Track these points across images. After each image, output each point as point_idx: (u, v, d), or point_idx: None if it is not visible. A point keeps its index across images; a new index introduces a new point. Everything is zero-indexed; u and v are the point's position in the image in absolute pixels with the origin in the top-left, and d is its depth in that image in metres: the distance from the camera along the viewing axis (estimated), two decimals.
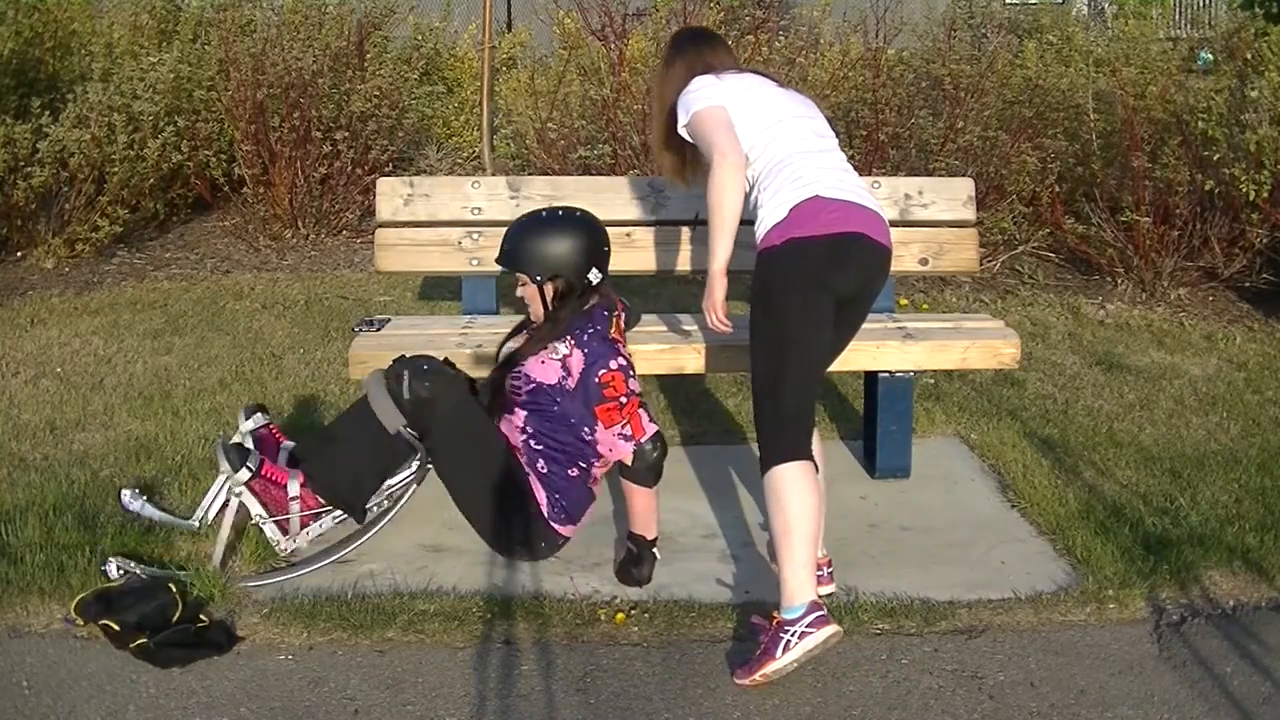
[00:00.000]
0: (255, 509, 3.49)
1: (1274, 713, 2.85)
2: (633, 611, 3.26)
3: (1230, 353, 5.59)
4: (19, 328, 5.76)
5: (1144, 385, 5.13)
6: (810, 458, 3.10)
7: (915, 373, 4.18)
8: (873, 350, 3.98)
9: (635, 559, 3.44)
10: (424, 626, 3.18)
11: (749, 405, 4.77)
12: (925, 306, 6.10)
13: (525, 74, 7.96)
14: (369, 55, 7.73)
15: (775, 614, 2.96)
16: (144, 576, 3.28)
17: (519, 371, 3.50)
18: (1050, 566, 3.56)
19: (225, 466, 3.47)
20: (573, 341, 3.42)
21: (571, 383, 3.41)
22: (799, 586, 2.93)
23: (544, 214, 3.54)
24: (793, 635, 2.88)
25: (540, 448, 3.50)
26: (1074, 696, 2.91)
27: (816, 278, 3.07)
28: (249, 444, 3.63)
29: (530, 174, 6.88)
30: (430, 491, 3.60)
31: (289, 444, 3.74)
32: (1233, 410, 4.83)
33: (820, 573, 3.18)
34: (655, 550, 3.46)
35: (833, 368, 4.36)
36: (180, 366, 5.23)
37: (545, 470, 3.51)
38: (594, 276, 3.46)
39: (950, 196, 4.40)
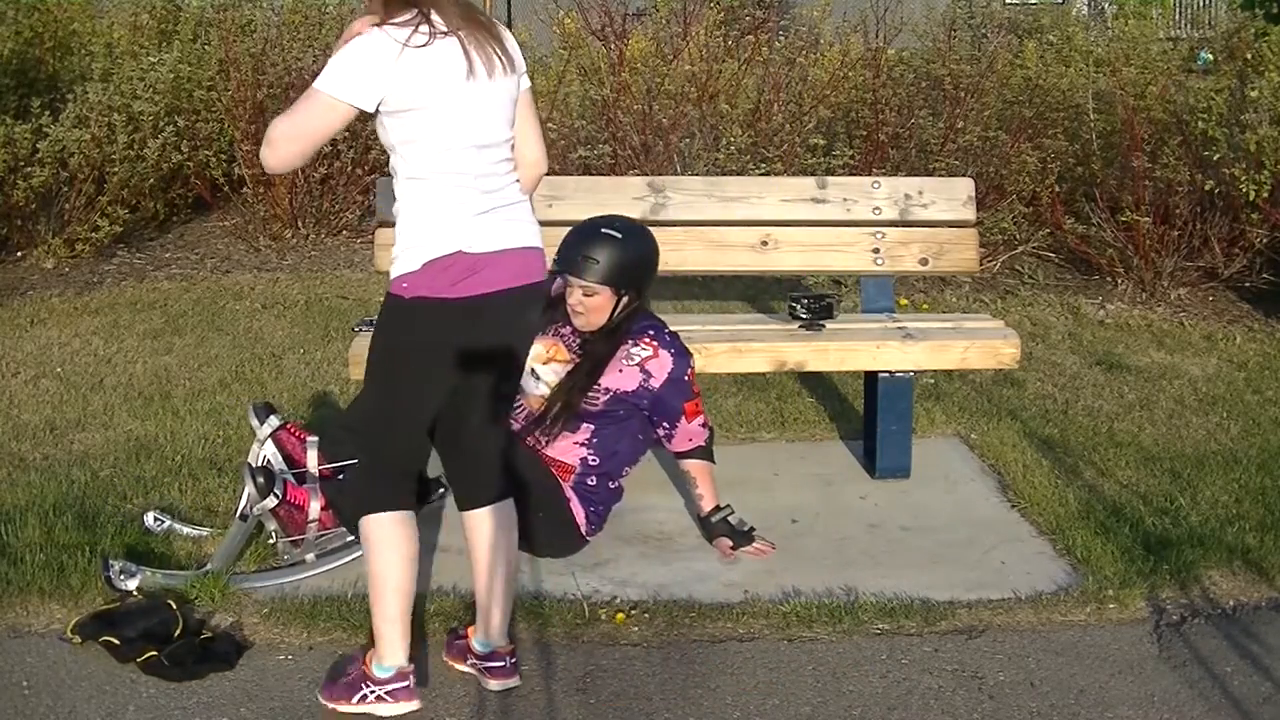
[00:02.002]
0: (271, 526, 3.48)
1: (1274, 713, 2.85)
2: (633, 611, 3.26)
3: (1230, 353, 5.59)
4: (19, 328, 5.76)
5: (1144, 385, 5.13)
6: (411, 507, 2.86)
7: (915, 373, 4.18)
8: (873, 350, 3.98)
9: (732, 529, 3.59)
10: (424, 627, 3.18)
11: (749, 405, 4.80)
12: (925, 306, 6.10)
13: None
14: None
15: (369, 656, 2.85)
16: (141, 596, 3.24)
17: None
18: (1050, 566, 3.56)
19: (251, 490, 3.42)
20: (654, 344, 3.51)
21: (656, 383, 3.51)
22: (388, 646, 2.80)
23: (617, 226, 3.53)
24: (371, 693, 2.80)
25: (596, 461, 3.55)
26: (1074, 696, 2.91)
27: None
28: (270, 450, 3.57)
29: None
30: None
31: (313, 439, 3.62)
32: (1233, 410, 4.82)
33: (501, 663, 2.93)
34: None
35: (832, 368, 4.41)
36: (180, 366, 5.23)
37: (594, 484, 3.55)
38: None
39: (950, 196, 4.40)
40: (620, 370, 3.52)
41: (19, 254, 6.86)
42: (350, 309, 6.04)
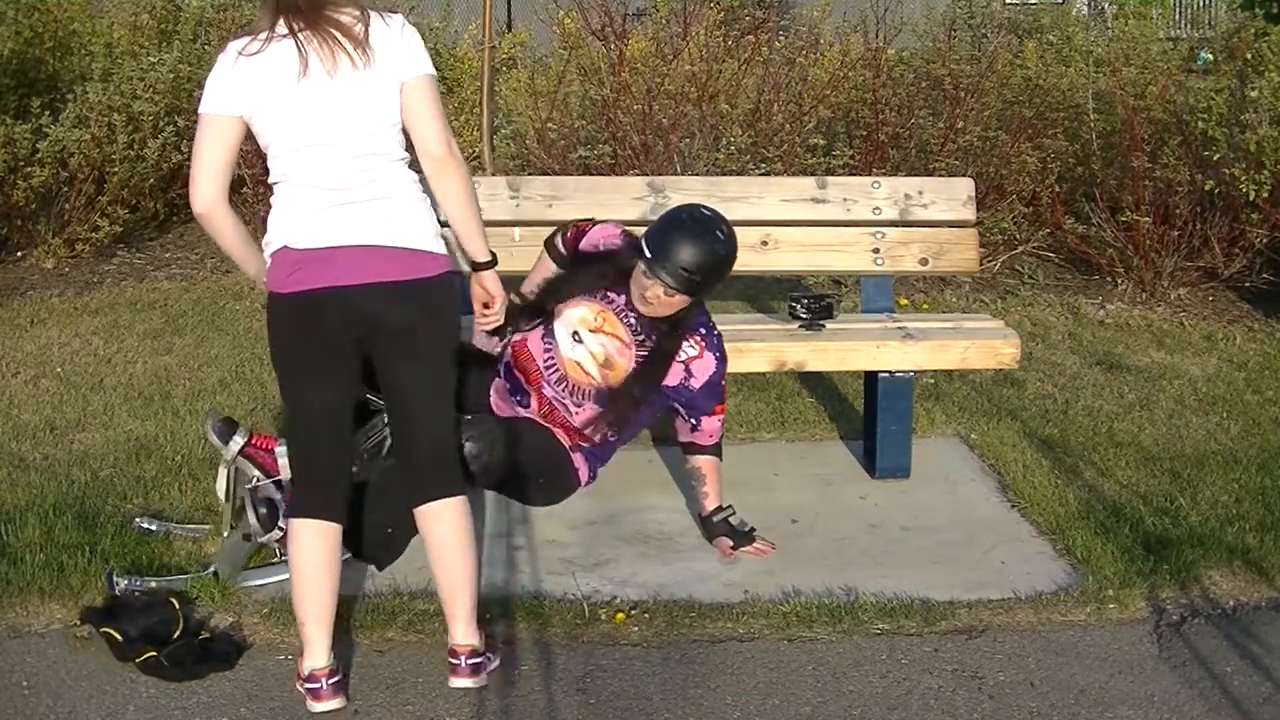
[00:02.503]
0: (253, 472, 3.50)
1: (1274, 713, 2.85)
2: (633, 611, 3.26)
3: (1230, 353, 5.59)
4: (19, 328, 5.76)
5: (1144, 385, 5.13)
6: (327, 517, 2.88)
7: (915, 373, 4.18)
8: (873, 350, 3.98)
9: (732, 530, 3.59)
10: (424, 626, 3.18)
11: (749, 405, 4.80)
12: (925, 306, 6.10)
13: (525, 74, 7.95)
14: None
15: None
16: (143, 594, 3.25)
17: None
18: (1050, 566, 3.56)
19: (255, 523, 3.43)
20: (702, 344, 3.52)
21: (696, 383, 3.53)
22: (304, 646, 2.87)
23: (724, 240, 3.43)
24: (301, 686, 2.88)
25: (615, 437, 3.60)
26: (1074, 696, 2.91)
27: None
28: (242, 466, 3.56)
29: (530, 174, 6.87)
30: None
31: (281, 448, 3.61)
32: (1233, 410, 4.82)
33: (458, 661, 2.90)
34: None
35: (832, 368, 4.40)
36: (180, 366, 5.23)
37: (602, 448, 3.60)
38: None
39: (950, 196, 4.40)
40: None
41: (19, 254, 6.86)
42: None
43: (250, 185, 7.24)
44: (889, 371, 4.07)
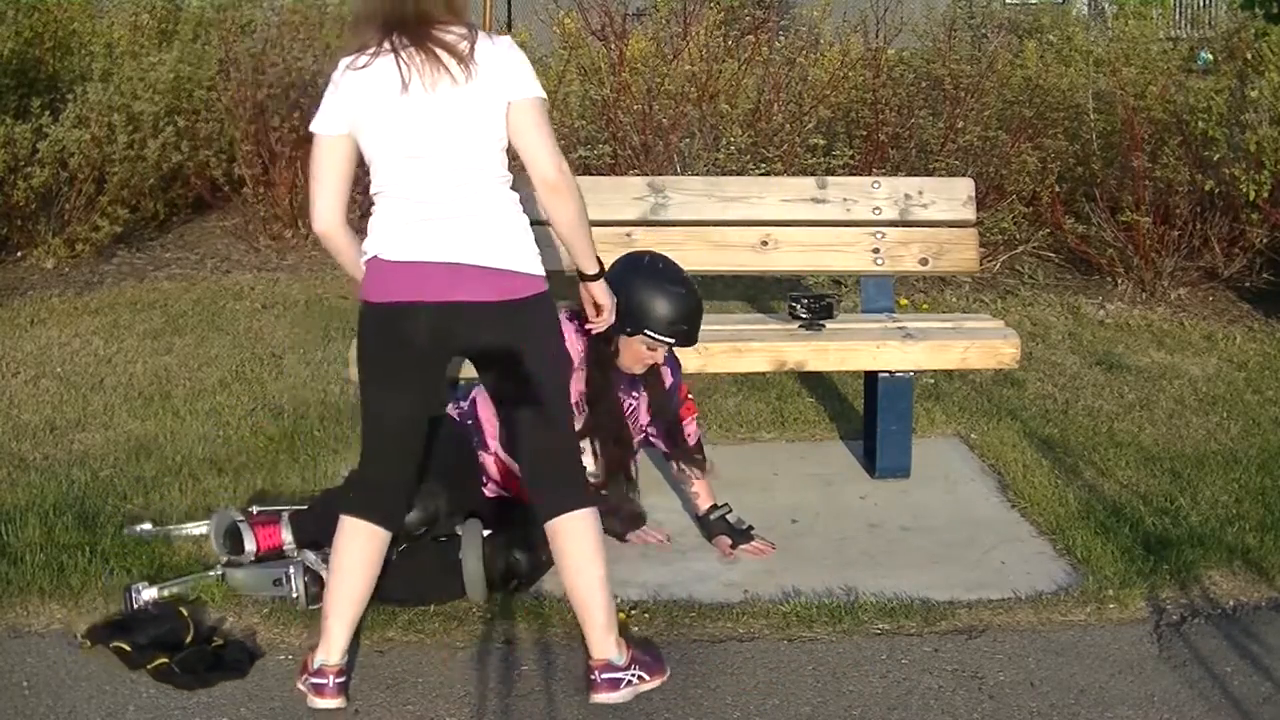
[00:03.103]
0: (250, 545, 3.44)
1: (1274, 713, 2.85)
2: (633, 611, 3.26)
3: (1230, 353, 5.59)
4: (19, 328, 5.76)
5: (1144, 385, 5.13)
6: (380, 522, 2.91)
7: (915, 373, 4.18)
8: (873, 350, 3.98)
9: (730, 528, 3.64)
10: (424, 626, 3.18)
11: (749, 405, 4.80)
12: (925, 306, 6.10)
13: None
14: None
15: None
16: (152, 604, 3.23)
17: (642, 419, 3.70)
18: (1050, 566, 3.56)
19: (301, 594, 3.28)
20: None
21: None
22: (321, 639, 2.87)
23: (682, 281, 3.48)
24: (304, 679, 2.87)
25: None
26: (1074, 696, 2.91)
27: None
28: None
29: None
30: None
31: (284, 515, 3.53)
32: (1233, 410, 4.82)
33: (594, 676, 2.86)
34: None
35: (832, 368, 4.40)
36: (180, 366, 5.23)
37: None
38: None
39: (950, 196, 4.39)
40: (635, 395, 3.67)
41: (19, 254, 6.86)
42: (350, 309, 6.00)
43: (250, 185, 7.25)
44: (889, 371, 4.07)
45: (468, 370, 3.23)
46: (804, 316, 4.14)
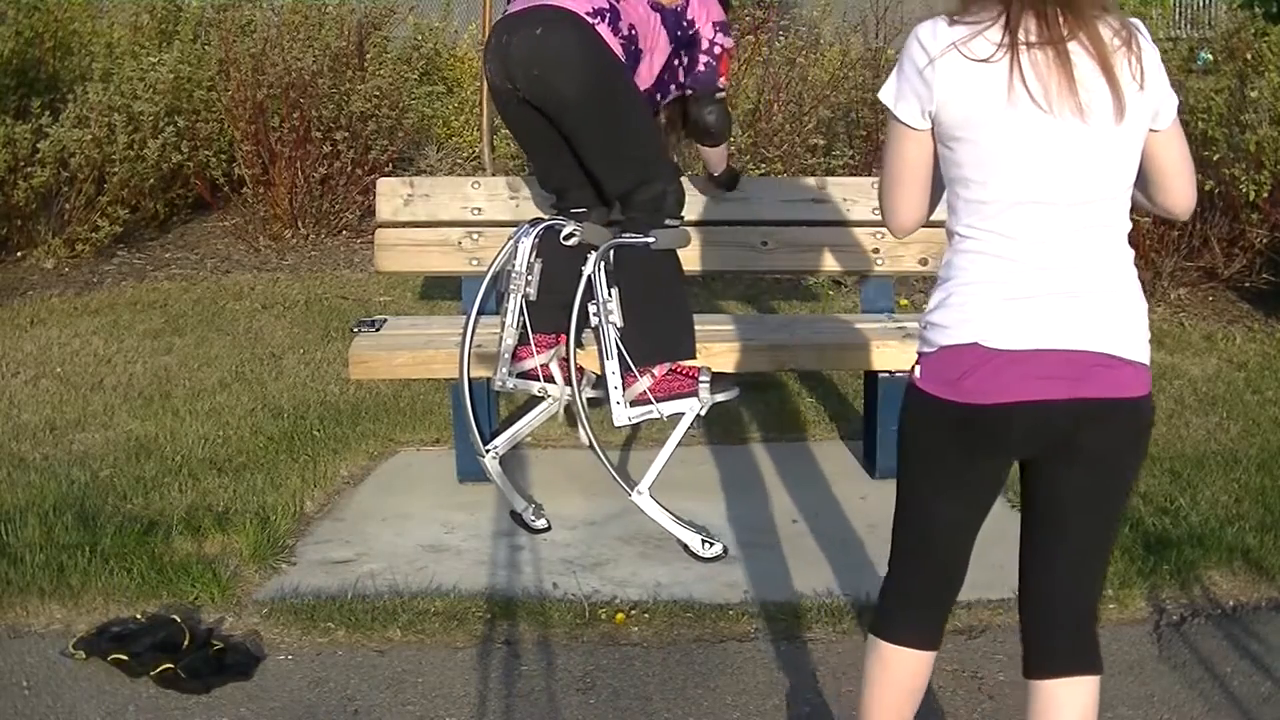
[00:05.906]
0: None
1: (1274, 712, 2.85)
2: (633, 611, 3.26)
3: (1230, 353, 5.59)
4: (19, 328, 5.77)
5: None
6: (921, 645, 2.39)
7: None
8: (873, 350, 3.98)
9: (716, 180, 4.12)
10: (424, 626, 3.18)
11: (749, 405, 4.79)
12: (925, 307, 6.09)
13: None
14: (369, 55, 7.73)
15: None
16: (144, 619, 3.17)
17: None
18: None
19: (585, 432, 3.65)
20: None
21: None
22: None
23: None
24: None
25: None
26: None
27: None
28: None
29: (530, 174, 6.89)
30: (431, 488, 3.60)
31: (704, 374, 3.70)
32: (1233, 410, 4.82)
33: None
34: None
35: (832, 367, 4.40)
36: (180, 366, 5.24)
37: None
38: None
39: None
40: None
41: (19, 254, 6.86)
42: (350, 309, 6.05)
43: (250, 185, 7.26)
44: (889, 371, 4.06)
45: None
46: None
